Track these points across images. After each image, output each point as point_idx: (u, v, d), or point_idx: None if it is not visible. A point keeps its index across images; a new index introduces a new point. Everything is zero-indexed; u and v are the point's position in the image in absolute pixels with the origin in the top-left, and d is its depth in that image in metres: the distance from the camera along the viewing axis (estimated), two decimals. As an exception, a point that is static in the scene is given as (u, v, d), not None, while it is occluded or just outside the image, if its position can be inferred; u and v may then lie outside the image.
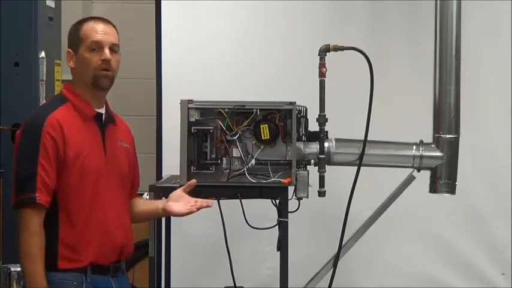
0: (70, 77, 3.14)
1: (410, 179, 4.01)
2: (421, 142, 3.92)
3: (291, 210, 3.64)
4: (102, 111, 3.10)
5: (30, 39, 4.45)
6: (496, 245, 4.87)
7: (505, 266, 4.87)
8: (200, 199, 3.23)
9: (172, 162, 3.89)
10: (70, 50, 3.09)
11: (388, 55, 4.83)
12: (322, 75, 3.71)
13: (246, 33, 4.88)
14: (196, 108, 3.60)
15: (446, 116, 3.93)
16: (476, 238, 4.87)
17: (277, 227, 3.64)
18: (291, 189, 3.62)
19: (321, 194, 3.74)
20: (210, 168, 3.62)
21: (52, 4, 4.66)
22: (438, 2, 3.96)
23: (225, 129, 3.59)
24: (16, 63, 4.45)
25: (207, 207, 3.23)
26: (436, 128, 3.94)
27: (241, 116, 3.60)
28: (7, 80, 4.46)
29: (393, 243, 4.87)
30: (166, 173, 4.47)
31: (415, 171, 3.96)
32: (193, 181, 3.33)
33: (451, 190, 3.96)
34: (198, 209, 3.20)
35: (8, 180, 4.07)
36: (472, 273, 4.88)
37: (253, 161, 3.59)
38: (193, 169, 3.61)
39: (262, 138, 3.58)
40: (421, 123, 4.09)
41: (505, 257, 4.87)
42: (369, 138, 3.79)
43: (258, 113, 3.59)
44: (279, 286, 3.64)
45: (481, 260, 4.87)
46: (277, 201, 3.65)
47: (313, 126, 3.76)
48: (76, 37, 3.07)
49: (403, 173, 4.02)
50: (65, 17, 4.75)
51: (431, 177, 3.95)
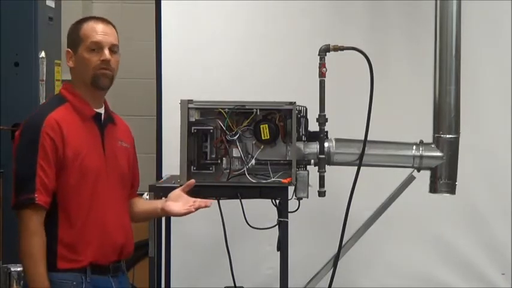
0: (70, 77, 3.14)
1: (410, 179, 4.01)
2: (421, 142, 3.91)
3: (291, 210, 3.64)
4: (101, 111, 3.10)
5: (30, 39, 4.45)
6: (496, 245, 4.87)
7: (505, 266, 4.87)
8: (199, 199, 3.23)
9: (172, 162, 3.89)
10: (69, 49, 3.08)
11: (388, 55, 4.83)
12: (322, 75, 3.71)
13: (246, 33, 4.88)
14: (196, 108, 3.60)
15: (446, 116, 3.93)
16: (476, 238, 4.87)
17: (277, 227, 3.64)
18: (291, 189, 3.62)
19: (321, 194, 3.74)
20: (210, 168, 3.62)
21: (52, 4, 4.66)
22: (438, 2, 3.96)
23: (225, 129, 3.58)
24: (16, 63, 4.46)
25: (206, 207, 3.22)
26: (436, 128, 3.94)
27: (241, 116, 3.60)
28: (7, 80, 4.46)
29: (393, 243, 4.87)
30: (166, 173, 4.47)
31: (415, 171, 3.96)
32: (192, 181, 3.33)
33: (451, 190, 3.96)
34: (196, 209, 3.19)
35: (8, 180, 4.07)
36: (472, 273, 4.88)
37: (253, 161, 3.59)
38: (193, 169, 3.60)
39: (262, 138, 3.57)
40: (421, 123, 4.09)
41: (505, 257, 4.87)
42: (369, 138, 3.79)
43: (258, 113, 3.59)
44: (279, 286, 3.64)
45: (481, 260, 4.87)
46: (277, 201, 3.65)
47: (313, 126, 3.76)
48: (76, 37, 3.06)
49: (403, 173, 4.02)
50: (65, 17, 4.74)
51: (431, 177, 3.95)
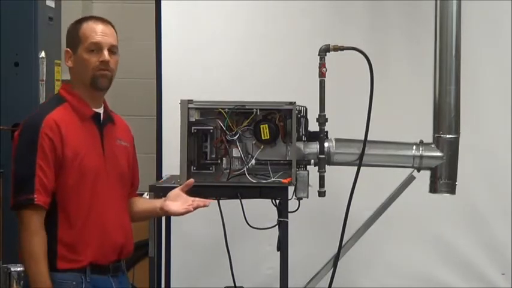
0: (69, 77, 3.14)
1: (410, 179, 4.01)
2: (421, 142, 3.91)
3: (291, 210, 3.63)
4: (100, 111, 3.09)
5: (30, 39, 4.45)
6: (496, 245, 4.87)
7: (505, 266, 4.87)
8: (198, 198, 3.23)
9: (172, 162, 3.89)
10: (68, 49, 3.07)
11: (388, 55, 4.83)
12: (322, 75, 3.71)
13: (246, 33, 4.88)
14: (196, 108, 3.60)
15: (446, 116, 3.93)
16: (476, 238, 4.87)
17: (277, 227, 3.64)
18: (291, 189, 3.62)
19: (321, 194, 3.74)
20: (210, 168, 3.62)
21: (52, 4, 4.66)
22: (438, 2, 3.96)
23: (225, 129, 3.58)
24: (16, 63, 4.45)
25: (204, 206, 3.22)
26: (436, 128, 3.94)
27: (241, 116, 3.60)
28: (7, 80, 4.45)
29: (393, 243, 4.87)
30: (166, 173, 4.47)
31: (415, 171, 3.96)
32: (191, 180, 3.33)
33: (451, 190, 3.96)
34: (195, 208, 3.19)
35: (8, 180, 4.05)
36: (472, 273, 4.88)
37: (253, 161, 3.59)
38: (193, 169, 3.60)
39: (262, 138, 3.57)
40: (421, 123, 4.09)
41: (505, 257, 4.87)
42: (369, 138, 3.79)
43: (258, 113, 3.59)
44: (279, 286, 3.64)
45: (481, 260, 4.87)
46: (277, 201, 3.65)
47: (313, 126, 3.76)
48: (75, 37, 3.05)
49: (403, 173, 4.02)
50: (65, 17, 4.73)
51: (431, 177, 3.95)
